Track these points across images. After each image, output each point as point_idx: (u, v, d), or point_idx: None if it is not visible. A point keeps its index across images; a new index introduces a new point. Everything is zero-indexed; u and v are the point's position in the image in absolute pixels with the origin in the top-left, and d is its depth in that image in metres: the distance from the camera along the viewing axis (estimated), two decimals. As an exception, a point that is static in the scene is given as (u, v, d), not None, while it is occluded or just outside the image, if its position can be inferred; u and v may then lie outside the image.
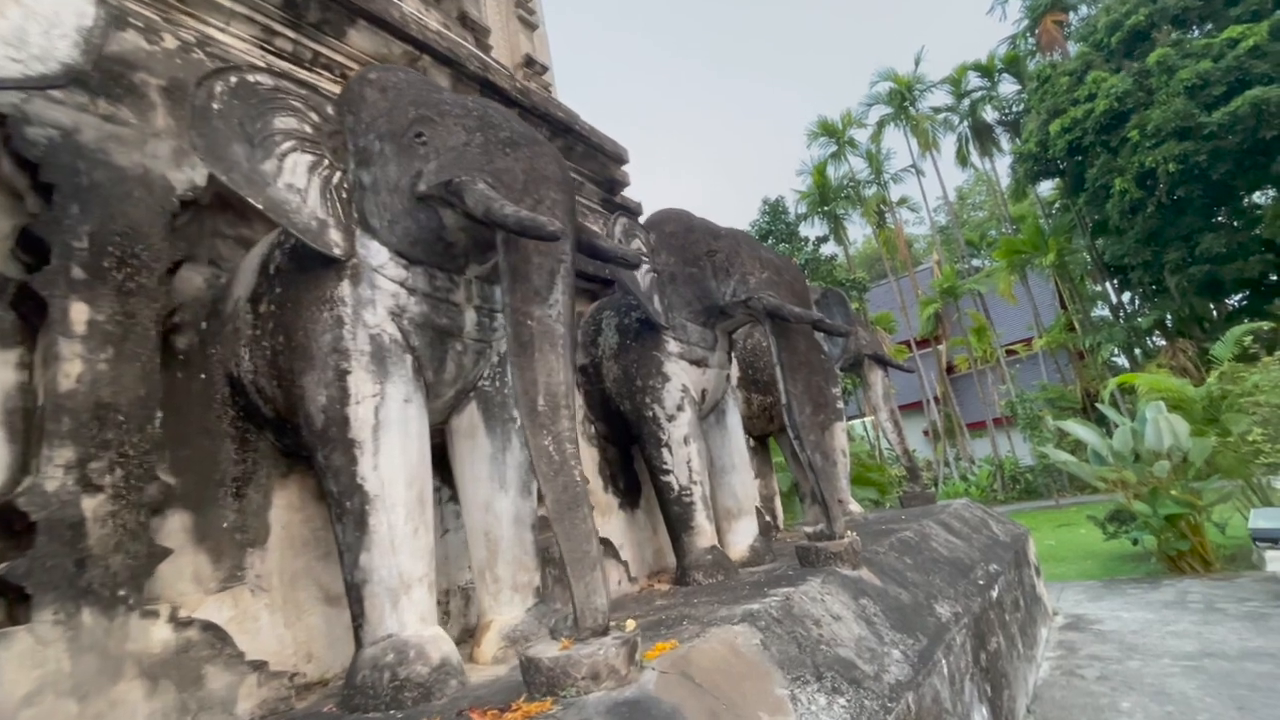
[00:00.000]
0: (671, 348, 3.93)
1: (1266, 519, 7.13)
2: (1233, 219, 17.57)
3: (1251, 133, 15.13)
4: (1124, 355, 21.88)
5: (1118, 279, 21.67)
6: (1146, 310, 20.33)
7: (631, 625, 1.99)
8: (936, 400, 25.67)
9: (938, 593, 3.77)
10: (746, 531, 4.16)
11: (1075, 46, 21.04)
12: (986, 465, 22.37)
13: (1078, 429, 9.25)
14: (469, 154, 2.20)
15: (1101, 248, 20.62)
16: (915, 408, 26.78)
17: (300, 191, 2.24)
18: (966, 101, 26.43)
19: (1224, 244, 16.63)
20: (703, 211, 4.25)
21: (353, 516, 2.13)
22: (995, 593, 4.30)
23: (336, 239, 2.27)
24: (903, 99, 26.63)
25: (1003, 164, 27.60)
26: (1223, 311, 19.10)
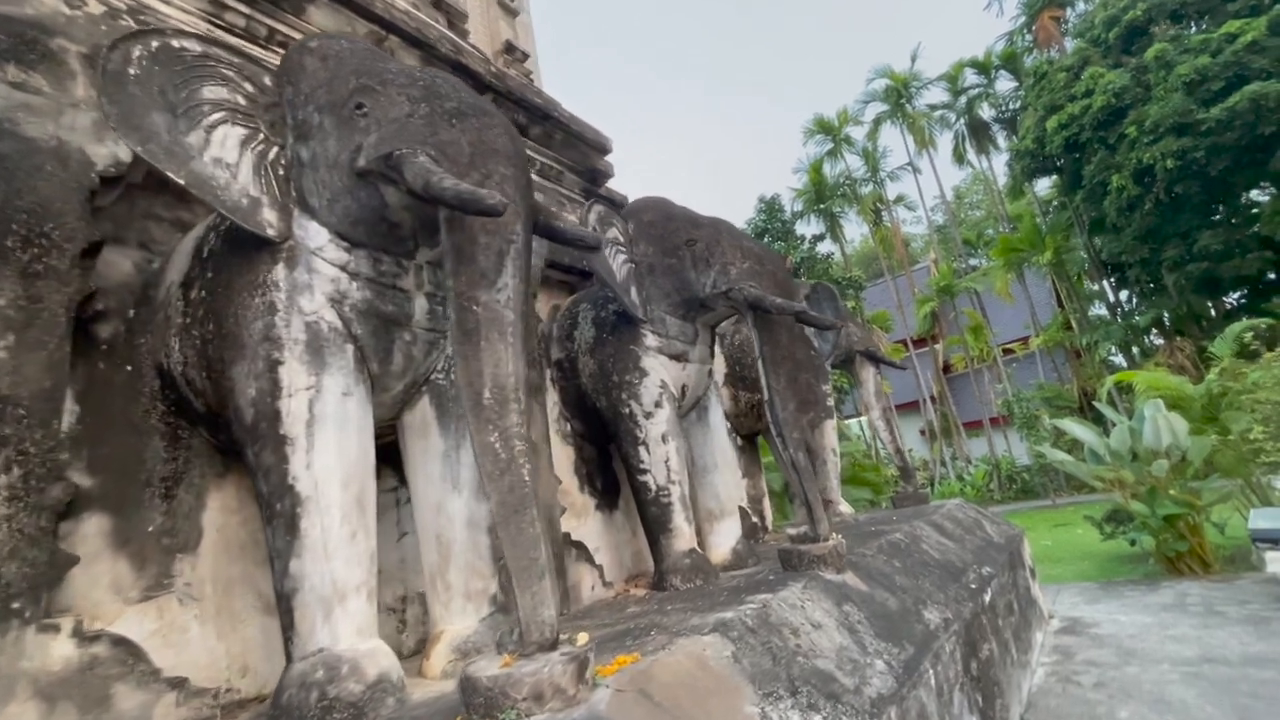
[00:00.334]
0: (649, 342, 3.75)
1: (1266, 519, 6.97)
2: (1230, 216, 17.42)
3: (1250, 128, 14.97)
4: (1121, 354, 21.73)
5: (1115, 277, 21.53)
6: (1144, 308, 20.18)
7: (584, 639, 1.82)
8: (933, 399, 25.53)
9: (927, 597, 3.60)
10: (729, 533, 3.99)
11: (1072, 42, 20.89)
12: (983, 465, 22.23)
13: (1074, 428, 9.09)
14: (412, 126, 2.03)
15: (1099, 245, 20.47)
16: (912, 407, 26.64)
17: (230, 167, 2.07)
18: (963, 99, 26.25)
19: (1222, 241, 16.48)
20: (699, 209, 4.06)
21: (283, 519, 1.95)
22: (988, 597, 4.14)
23: (270, 218, 2.10)
24: (899, 96, 26.46)
25: (1000, 162, 27.46)
26: (1220, 310, 18.97)
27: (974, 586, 4.14)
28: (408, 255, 2.31)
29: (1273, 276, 17.18)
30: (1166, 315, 19.50)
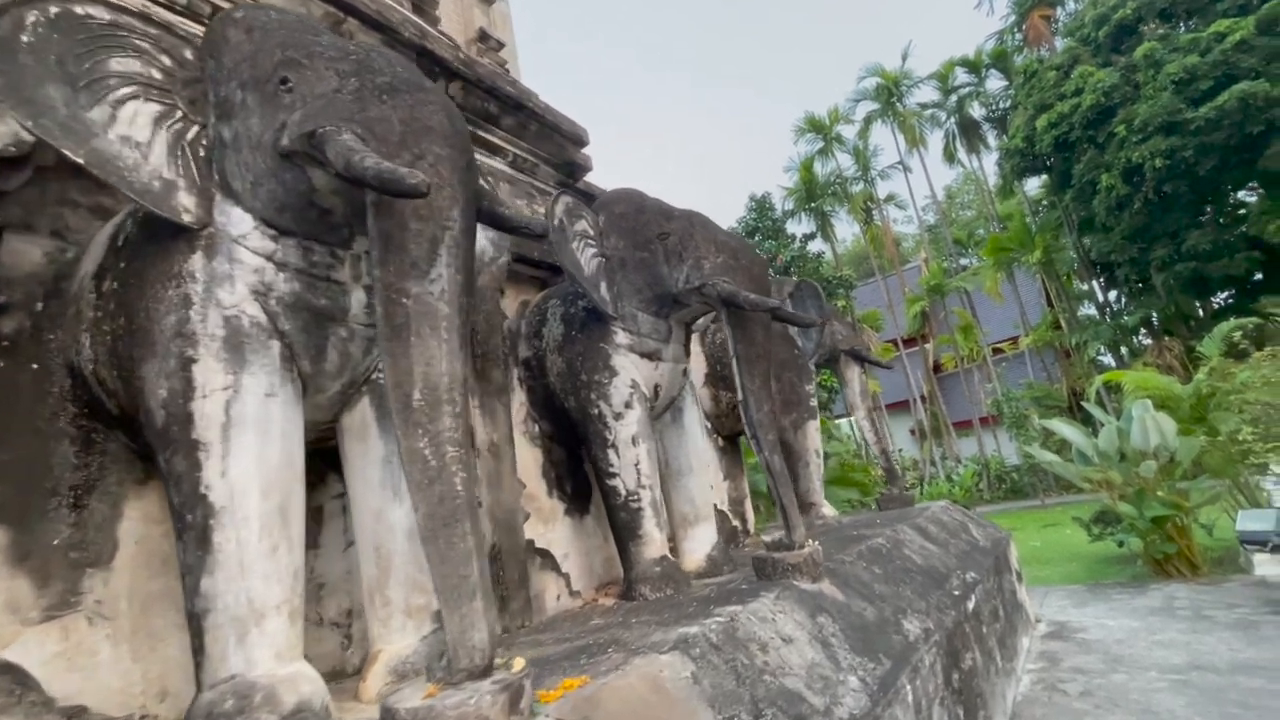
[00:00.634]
0: (620, 339, 3.59)
1: (1254, 521, 6.90)
2: (1219, 216, 17.43)
3: (1238, 128, 14.96)
4: (1110, 353, 21.73)
5: (1104, 276, 21.52)
6: (1133, 308, 20.17)
7: (520, 664, 1.66)
8: (923, 399, 25.50)
9: (908, 606, 3.45)
10: (704, 539, 3.83)
11: (1062, 41, 20.87)
12: (971, 465, 22.18)
13: (1063, 428, 9.00)
14: (339, 102, 1.86)
15: (1088, 245, 20.45)
16: (902, 406, 26.60)
17: (140, 146, 1.88)
18: (954, 97, 26.24)
19: (1210, 241, 16.48)
20: (685, 204, 3.88)
21: (194, 532, 1.77)
22: (972, 603, 4.00)
23: (186, 203, 1.92)
24: (890, 95, 26.40)
25: (990, 161, 27.50)
26: (1209, 309, 18.98)
27: (958, 593, 4.00)
28: (343, 245, 2.13)
29: (1261, 276, 17.19)
30: (1155, 315, 19.51)
